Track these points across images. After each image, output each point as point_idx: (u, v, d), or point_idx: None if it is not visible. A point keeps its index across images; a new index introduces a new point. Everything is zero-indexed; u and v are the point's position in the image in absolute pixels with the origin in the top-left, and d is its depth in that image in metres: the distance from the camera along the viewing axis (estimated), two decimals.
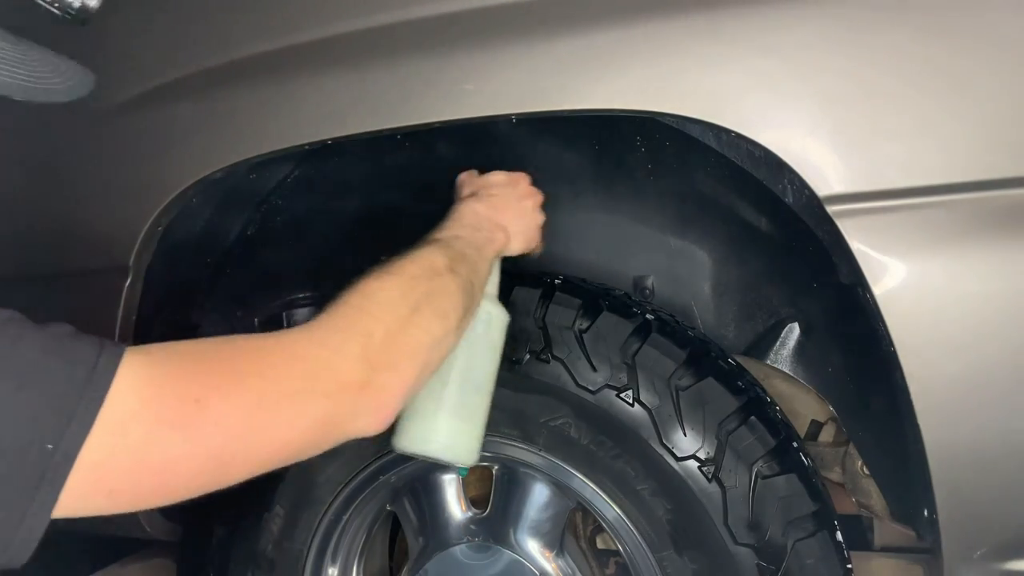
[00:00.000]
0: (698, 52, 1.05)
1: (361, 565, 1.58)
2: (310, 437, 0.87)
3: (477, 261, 1.11)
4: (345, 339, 0.91)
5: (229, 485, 0.83)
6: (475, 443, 1.18)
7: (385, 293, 0.97)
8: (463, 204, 1.19)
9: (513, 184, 1.24)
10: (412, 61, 1.17)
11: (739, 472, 1.20)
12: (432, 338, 0.98)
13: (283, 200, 1.57)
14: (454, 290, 1.03)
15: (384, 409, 0.92)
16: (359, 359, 0.90)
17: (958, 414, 1.04)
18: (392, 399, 0.93)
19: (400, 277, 1.00)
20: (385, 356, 0.92)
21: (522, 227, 1.22)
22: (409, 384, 0.95)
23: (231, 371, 0.82)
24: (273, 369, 0.85)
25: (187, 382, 0.79)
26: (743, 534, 1.20)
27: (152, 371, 0.77)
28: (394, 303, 0.97)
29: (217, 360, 0.83)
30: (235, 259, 1.59)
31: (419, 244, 1.08)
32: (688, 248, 1.44)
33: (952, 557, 1.10)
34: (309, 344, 0.89)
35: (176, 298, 1.56)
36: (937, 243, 1.01)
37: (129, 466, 0.75)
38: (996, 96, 0.98)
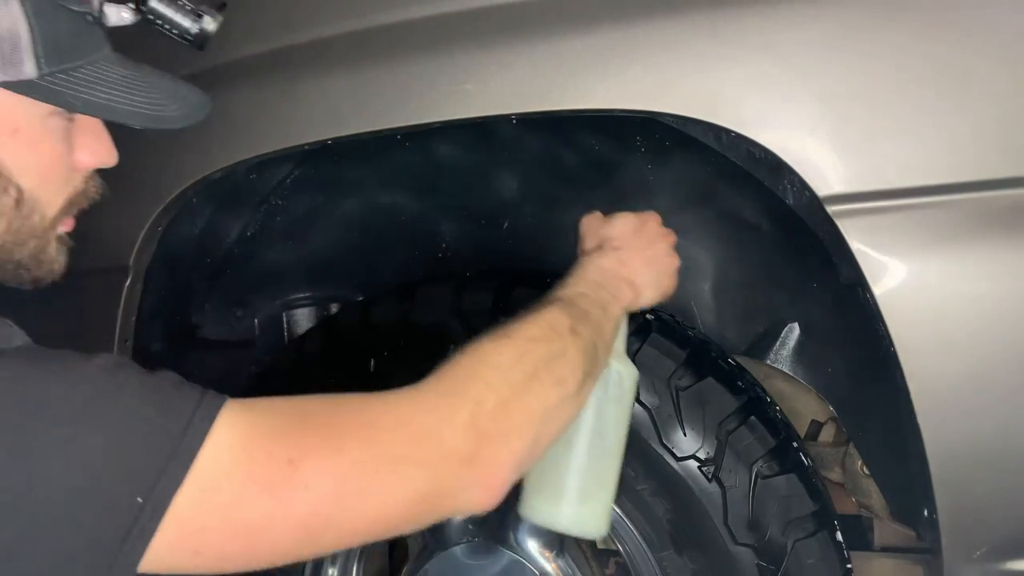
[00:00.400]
0: (698, 52, 1.05)
1: (361, 566, 1.58)
2: (410, 510, 0.81)
3: (602, 321, 1.01)
4: (454, 406, 0.84)
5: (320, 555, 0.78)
6: (605, 513, 1.07)
7: (500, 357, 0.89)
8: (587, 259, 1.09)
9: (641, 229, 1.12)
10: (412, 61, 1.17)
11: (739, 472, 1.20)
12: (548, 407, 0.90)
13: (283, 200, 1.56)
14: (575, 354, 0.94)
15: (493, 484, 0.85)
16: (467, 428, 0.82)
17: (958, 414, 1.04)
18: (501, 473, 0.85)
19: (517, 340, 0.92)
20: (496, 426, 0.85)
21: (652, 277, 1.10)
22: (520, 457, 0.87)
23: (329, 432, 0.78)
24: (374, 433, 0.79)
25: (282, 441, 0.75)
26: (743, 534, 1.20)
27: (249, 427, 0.74)
28: (509, 368, 0.89)
29: (316, 420, 0.79)
30: (235, 259, 1.59)
31: (539, 303, 0.99)
32: (688, 248, 1.44)
33: (952, 557, 1.10)
34: (415, 409, 0.83)
35: (176, 298, 1.56)
36: (937, 243, 1.01)
37: (216, 525, 0.72)
38: (996, 96, 0.98)
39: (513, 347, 0.91)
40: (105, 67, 0.84)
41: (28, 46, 0.77)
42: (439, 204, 1.51)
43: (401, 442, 0.79)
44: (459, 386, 0.86)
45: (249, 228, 1.58)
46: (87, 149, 0.88)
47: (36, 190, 0.84)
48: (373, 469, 0.77)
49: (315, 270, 1.62)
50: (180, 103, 0.90)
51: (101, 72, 0.84)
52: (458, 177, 1.46)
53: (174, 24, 0.93)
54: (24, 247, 0.86)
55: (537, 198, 1.47)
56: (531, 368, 0.89)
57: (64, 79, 0.81)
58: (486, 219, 1.51)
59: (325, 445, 0.76)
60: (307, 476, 0.74)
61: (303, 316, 1.68)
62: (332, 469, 0.76)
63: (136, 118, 0.86)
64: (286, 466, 0.74)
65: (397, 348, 1.36)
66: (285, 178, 1.54)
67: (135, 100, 0.85)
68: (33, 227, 0.85)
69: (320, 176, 1.53)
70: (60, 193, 0.87)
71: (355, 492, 0.77)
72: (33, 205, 0.84)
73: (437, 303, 1.35)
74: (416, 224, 1.53)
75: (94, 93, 0.82)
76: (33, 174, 0.83)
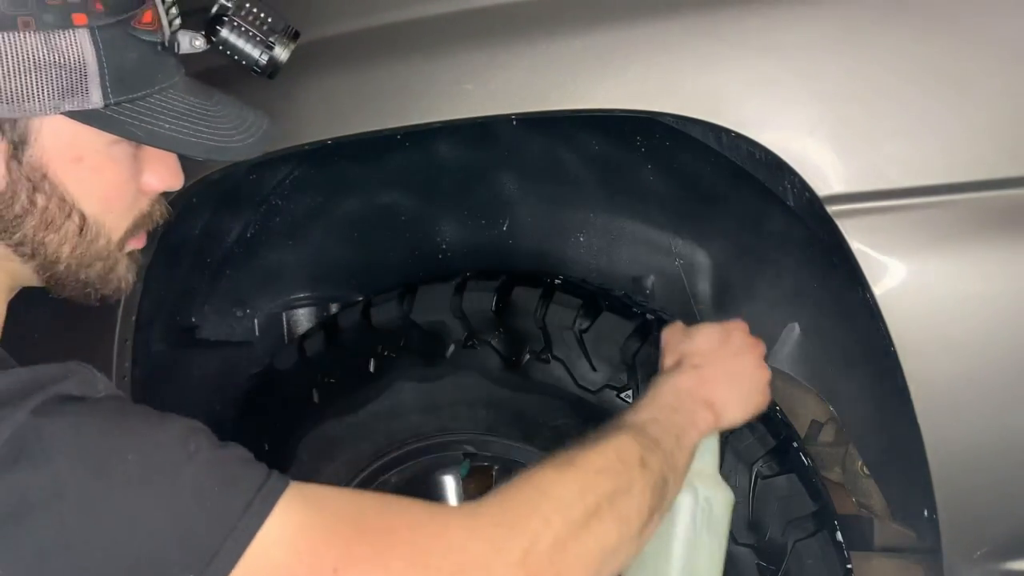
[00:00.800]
0: (698, 52, 1.05)
1: None
2: None
3: (674, 451, 0.95)
4: (508, 539, 0.79)
5: None
6: None
7: (562, 489, 0.85)
8: (663, 379, 1.04)
9: (726, 341, 1.06)
10: (412, 61, 1.17)
11: (739, 472, 1.20)
12: (607, 547, 0.85)
13: (283, 200, 1.56)
14: (642, 490, 0.89)
15: None
16: (519, 566, 0.78)
17: (958, 414, 1.04)
18: None
19: (581, 472, 0.87)
20: (550, 567, 0.80)
21: (737, 395, 1.04)
22: None
23: (379, 547, 0.75)
24: (423, 556, 0.76)
25: (332, 545, 0.74)
26: (743, 534, 1.20)
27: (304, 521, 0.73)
28: (570, 504, 0.84)
29: (369, 527, 0.77)
30: (235, 259, 1.59)
31: (609, 427, 0.95)
32: (688, 248, 1.44)
33: (952, 557, 1.10)
34: (468, 536, 0.79)
35: (176, 298, 1.56)
36: (937, 243, 1.01)
37: None
38: (996, 96, 0.98)
39: (577, 479, 0.86)
40: (173, 96, 0.85)
41: (96, 76, 0.78)
42: (439, 204, 1.51)
43: (448, 569, 0.76)
44: (516, 518, 0.82)
45: (249, 228, 1.58)
46: (155, 174, 0.88)
47: (100, 215, 0.84)
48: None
49: (315, 270, 1.62)
50: (245, 132, 0.89)
51: (169, 101, 0.84)
52: (458, 177, 1.46)
53: (244, 55, 0.93)
54: (91, 268, 0.86)
55: (537, 198, 1.47)
56: (593, 505, 0.85)
57: (130, 108, 0.81)
58: (486, 219, 1.51)
59: (372, 561, 0.75)
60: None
61: (303, 316, 1.68)
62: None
63: (199, 149, 0.85)
64: (330, 574, 0.73)
65: (397, 348, 1.36)
66: (285, 178, 1.54)
67: (200, 130, 0.85)
68: (99, 250, 0.85)
69: (320, 176, 1.53)
70: (126, 217, 0.87)
71: None
72: (98, 229, 0.84)
73: (437, 303, 1.35)
74: (416, 224, 1.53)
75: (158, 123, 0.82)
76: (97, 200, 0.83)
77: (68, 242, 0.83)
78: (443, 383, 1.34)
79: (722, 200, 1.37)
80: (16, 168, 0.79)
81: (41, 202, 0.81)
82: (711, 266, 1.45)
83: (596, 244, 1.48)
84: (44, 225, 0.82)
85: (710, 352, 1.05)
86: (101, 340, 1.42)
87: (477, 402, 1.33)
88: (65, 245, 0.83)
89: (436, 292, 1.36)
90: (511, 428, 1.32)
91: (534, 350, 1.28)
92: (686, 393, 1.01)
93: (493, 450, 1.37)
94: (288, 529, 0.72)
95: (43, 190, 0.80)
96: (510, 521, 0.81)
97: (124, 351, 1.44)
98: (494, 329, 1.31)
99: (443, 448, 1.40)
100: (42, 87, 0.76)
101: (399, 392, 1.36)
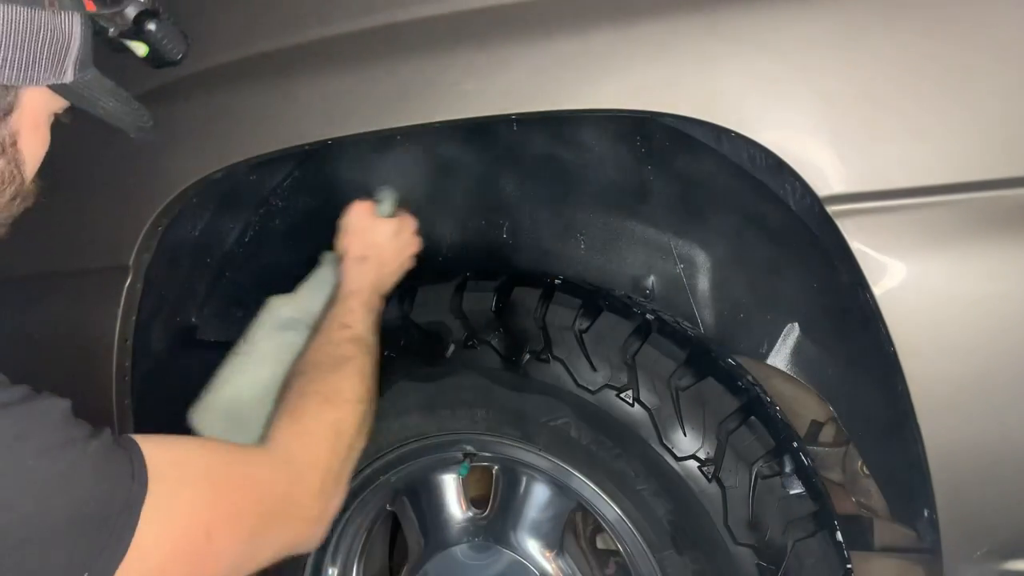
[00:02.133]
0: (698, 52, 1.05)
1: (361, 565, 1.58)
2: (275, 558, 0.98)
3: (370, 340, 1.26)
4: (313, 476, 1.03)
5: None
6: None
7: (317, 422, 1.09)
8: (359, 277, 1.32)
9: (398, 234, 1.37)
10: (412, 61, 1.17)
11: (739, 472, 1.20)
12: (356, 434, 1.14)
13: (283, 200, 1.56)
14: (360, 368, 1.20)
15: (324, 531, 1.05)
16: (319, 495, 1.03)
17: (958, 414, 1.04)
18: (329, 521, 1.06)
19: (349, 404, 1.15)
20: (334, 487, 1.06)
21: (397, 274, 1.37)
22: (341, 495, 1.09)
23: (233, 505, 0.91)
24: (262, 505, 0.95)
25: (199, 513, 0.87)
26: (743, 534, 1.20)
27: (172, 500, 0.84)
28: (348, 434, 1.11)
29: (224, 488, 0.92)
30: (235, 259, 1.59)
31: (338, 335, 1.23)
32: (688, 248, 1.44)
33: (952, 557, 1.10)
34: (287, 480, 1.00)
35: (176, 298, 1.56)
36: (937, 243, 1.01)
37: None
38: (996, 96, 0.98)
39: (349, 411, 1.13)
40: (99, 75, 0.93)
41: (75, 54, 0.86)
42: (439, 204, 1.51)
43: (279, 513, 0.98)
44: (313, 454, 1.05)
45: (249, 228, 1.58)
46: None
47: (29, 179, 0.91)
48: (261, 536, 0.95)
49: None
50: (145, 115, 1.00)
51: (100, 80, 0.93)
52: (458, 177, 1.46)
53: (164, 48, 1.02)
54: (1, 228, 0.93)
55: (537, 198, 1.47)
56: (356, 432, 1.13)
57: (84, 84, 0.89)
58: (486, 219, 1.51)
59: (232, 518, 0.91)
60: (218, 547, 0.88)
61: None
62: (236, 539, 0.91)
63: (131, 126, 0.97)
64: (203, 538, 0.86)
65: (397, 348, 1.36)
66: (285, 178, 1.54)
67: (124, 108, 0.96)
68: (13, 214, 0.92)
69: (320, 176, 1.53)
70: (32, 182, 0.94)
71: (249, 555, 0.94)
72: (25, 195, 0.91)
73: (437, 303, 1.35)
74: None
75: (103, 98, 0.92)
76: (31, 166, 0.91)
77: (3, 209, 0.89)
78: (443, 383, 1.34)
79: (722, 200, 1.37)
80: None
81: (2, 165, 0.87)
82: (711, 266, 1.45)
83: (596, 244, 1.48)
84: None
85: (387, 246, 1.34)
86: (101, 340, 1.42)
87: (477, 402, 1.33)
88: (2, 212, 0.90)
89: (436, 292, 1.36)
90: (511, 428, 1.32)
91: (534, 350, 1.28)
92: (373, 290, 1.31)
93: (493, 450, 1.37)
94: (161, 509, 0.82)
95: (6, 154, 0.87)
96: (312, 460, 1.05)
97: (124, 351, 1.44)
98: (494, 329, 1.31)
99: (443, 448, 1.40)
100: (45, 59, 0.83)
101: (399, 392, 1.36)
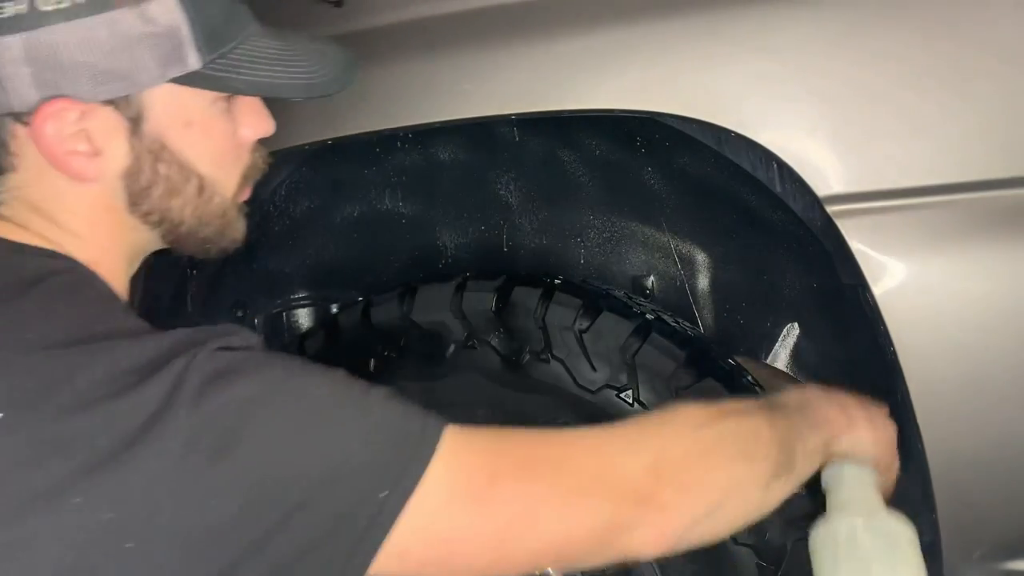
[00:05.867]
0: (698, 52, 1.05)
1: None
2: (591, 540, 0.84)
3: (802, 427, 0.97)
4: (640, 445, 0.87)
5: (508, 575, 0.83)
6: None
7: (688, 416, 0.91)
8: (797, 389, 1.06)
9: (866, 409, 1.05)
10: (412, 61, 1.17)
11: None
12: (732, 479, 0.89)
13: (282, 200, 1.56)
14: (768, 437, 0.91)
15: (665, 530, 0.86)
16: (649, 469, 0.84)
17: (958, 415, 1.04)
18: (675, 521, 0.86)
19: (708, 409, 0.92)
20: (676, 476, 0.86)
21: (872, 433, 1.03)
22: (695, 515, 0.87)
23: (528, 456, 0.83)
24: (568, 462, 0.84)
25: (485, 458, 0.80)
26: (743, 534, 1.20)
27: (461, 441, 0.79)
28: (696, 428, 0.90)
29: (517, 443, 0.84)
30: (235, 260, 1.59)
31: None
32: (688, 248, 1.44)
33: (952, 557, 1.10)
34: (606, 444, 0.87)
35: (176, 298, 1.55)
36: (937, 243, 1.01)
37: (421, 528, 0.75)
38: (996, 96, 0.98)
39: (704, 411, 0.91)
40: (256, 43, 0.87)
41: (189, 38, 0.80)
42: (439, 204, 1.51)
43: (590, 473, 0.83)
44: (647, 433, 0.89)
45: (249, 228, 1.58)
46: (248, 125, 0.90)
47: (214, 174, 0.88)
48: (563, 495, 0.81)
49: (315, 271, 1.62)
50: (329, 65, 0.92)
51: (254, 50, 0.86)
52: (458, 177, 1.46)
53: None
54: (209, 226, 0.90)
55: (537, 199, 1.47)
56: (717, 434, 0.90)
57: (224, 64, 0.84)
58: (486, 219, 1.51)
59: (524, 467, 0.81)
60: (505, 493, 0.79)
61: (303, 316, 1.68)
62: (528, 490, 0.80)
63: (297, 90, 0.89)
64: (486, 480, 0.78)
65: (397, 348, 1.36)
66: (285, 179, 1.54)
67: (292, 72, 0.88)
68: (215, 208, 0.89)
69: (320, 176, 1.53)
70: (234, 171, 0.91)
71: (545, 514, 0.81)
72: (214, 188, 0.88)
73: (437, 303, 1.35)
74: (415, 224, 1.53)
75: (256, 72, 0.85)
76: (209, 160, 0.87)
77: (189, 204, 0.87)
78: (443, 383, 1.34)
79: (722, 200, 1.37)
80: (137, 143, 0.82)
81: (163, 171, 0.84)
82: (711, 266, 1.45)
83: (596, 244, 1.48)
84: (168, 192, 0.85)
85: None
86: None
87: (477, 402, 1.33)
88: (187, 207, 0.87)
89: (436, 292, 1.36)
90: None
91: (534, 350, 1.28)
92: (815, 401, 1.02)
93: None
94: (446, 448, 0.77)
95: (163, 159, 0.84)
96: (640, 436, 0.88)
97: None
98: (494, 329, 1.31)
99: None
100: (146, 59, 0.79)
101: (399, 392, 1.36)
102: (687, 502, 0.86)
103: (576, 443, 0.86)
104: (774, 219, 1.35)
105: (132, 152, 0.83)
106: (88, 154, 0.81)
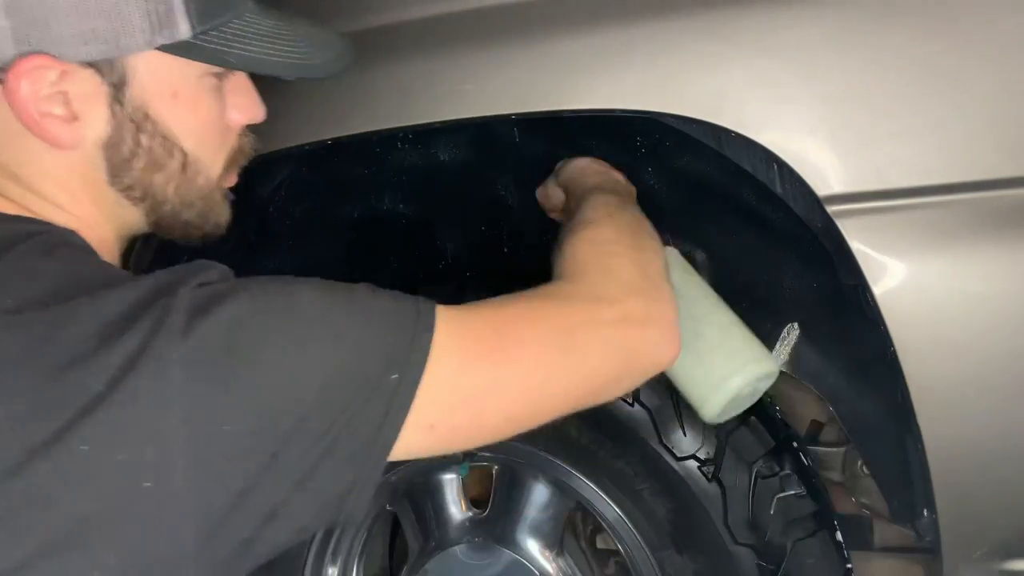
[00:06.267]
0: (698, 52, 1.05)
1: (361, 565, 1.58)
2: (612, 367, 0.88)
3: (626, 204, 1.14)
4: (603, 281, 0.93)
5: (546, 422, 0.85)
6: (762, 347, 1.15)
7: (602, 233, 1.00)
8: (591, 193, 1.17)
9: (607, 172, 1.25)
10: (412, 61, 1.17)
11: (739, 472, 1.20)
12: (662, 261, 1.02)
13: (282, 201, 1.56)
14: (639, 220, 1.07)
15: (671, 335, 0.94)
16: (630, 293, 0.92)
17: (958, 414, 1.04)
18: (672, 322, 0.94)
19: (599, 224, 1.02)
20: (647, 287, 0.94)
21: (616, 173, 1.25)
22: (670, 297, 0.97)
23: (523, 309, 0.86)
24: (559, 307, 0.88)
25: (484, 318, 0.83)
26: (743, 534, 1.20)
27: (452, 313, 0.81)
28: (619, 241, 0.99)
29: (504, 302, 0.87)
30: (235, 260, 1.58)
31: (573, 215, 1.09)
32: (688, 248, 1.44)
33: (952, 557, 1.10)
34: (576, 289, 0.92)
35: None
36: (937, 243, 1.01)
37: (441, 398, 0.77)
38: (996, 96, 0.98)
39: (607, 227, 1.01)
40: (251, 19, 0.85)
41: (180, 6, 0.77)
42: (439, 204, 1.51)
43: (581, 311, 0.88)
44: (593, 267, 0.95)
45: (248, 229, 1.58)
46: (238, 108, 0.89)
47: (198, 151, 0.86)
48: (568, 330, 0.85)
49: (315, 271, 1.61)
50: (324, 50, 0.91)
51: (249, 25, 0.84)
52: (458, 177, 1.46)
53: None
54: (192, 208, 0.89)
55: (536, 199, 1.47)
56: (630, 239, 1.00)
57: (217, 36, 0.81)
58: (486, 219, 1.51)
59: (523, 317, 0.85)
60: (515, 339, 0.82)
61: None
62: (535, 334, 0.83)
63: (289, 69, 0.87)
64: (494, 334, 0.81)
65: None
66: (285, 179, 1.54)
67: (285, 51, 0.86)
68: (199, 188, 0.88)
69: (320, 176, 1.53)
70: (220, 153, 0.89)
71: (560, 350, 0.84)
72: (198, 167, 0.86)
73: None
74: (415, 224, 1.53)
75: (248, 48, 0.83)
76: (194, 136, 0.85)
77: (172, 181, 0.85)
78: None
79: (722, 200, 1.37)
80: (119, 110, 0.80)
81: (146, 142, 0.82)
82: (710, 266, 1.45)
83: None
84: (151, 166, 0.83)
85: None
86: None
87: None
88: (170, 184, 0.85)
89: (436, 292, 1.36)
90: None
91: None
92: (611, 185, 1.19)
93: (493, 450, 1.37)
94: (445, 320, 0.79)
95: (146, 130, 0.81)
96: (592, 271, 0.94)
97: None
98: None
99: None
100: (134, 21, 0.76)
101: None
102: (668, 300, 0.96)
103: (554, 293, 0.91)
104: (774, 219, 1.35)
105: (113, 119, 0.80)
106: (65, 118, 0.78)
